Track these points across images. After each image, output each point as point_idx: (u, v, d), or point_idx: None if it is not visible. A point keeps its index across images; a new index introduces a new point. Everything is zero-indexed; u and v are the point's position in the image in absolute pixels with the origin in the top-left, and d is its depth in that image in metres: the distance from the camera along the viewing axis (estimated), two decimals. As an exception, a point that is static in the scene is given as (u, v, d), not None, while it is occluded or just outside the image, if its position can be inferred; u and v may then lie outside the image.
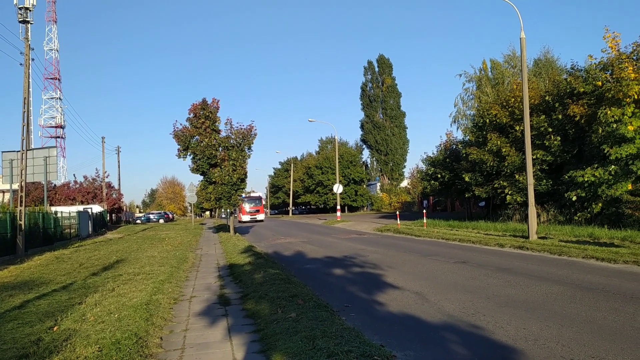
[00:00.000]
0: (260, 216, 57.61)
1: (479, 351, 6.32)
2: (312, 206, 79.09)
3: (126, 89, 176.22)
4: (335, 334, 6.33)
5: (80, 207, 40.41)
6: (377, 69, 75.05)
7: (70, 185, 55.95)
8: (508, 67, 41.58)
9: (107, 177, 57.05)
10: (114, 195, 59.25)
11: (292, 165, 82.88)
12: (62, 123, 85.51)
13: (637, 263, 11.52)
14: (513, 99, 25.59)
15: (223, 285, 11.87)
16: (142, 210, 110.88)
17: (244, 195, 40.42)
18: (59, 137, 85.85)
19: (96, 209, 44.45)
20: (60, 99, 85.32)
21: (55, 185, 52.81)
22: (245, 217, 56.27)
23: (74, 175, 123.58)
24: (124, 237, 33.55)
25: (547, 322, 7.28)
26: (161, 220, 70.83)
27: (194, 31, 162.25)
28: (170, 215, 79.76)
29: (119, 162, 71.28)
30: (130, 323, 7.42)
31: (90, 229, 36.15)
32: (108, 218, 54.75)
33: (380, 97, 74.21)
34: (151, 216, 75.78)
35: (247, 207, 56.35)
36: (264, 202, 62.82)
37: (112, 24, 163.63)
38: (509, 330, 7.01)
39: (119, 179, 66.65)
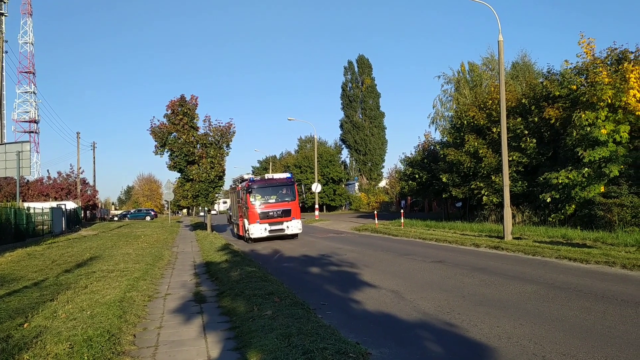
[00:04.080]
0: (293, 225, 23.72)
1: (454, 349, 6.38)
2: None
3: (103, 85, 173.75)
4: (311, 332, 6.32)
5: (54, 204, 39.61)
6: (357, 69, 75.28)
7: (44, 181, 54.83)
8: (486, 70, 42.09)
9: (82, 174, 56.14)
10: (88, 192, 58.28)
11: (270, 164, 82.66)
12: (36, 118, 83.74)
13: (608, 263, 11.76)
14: (490, 102, 25.89)
15: (199, 282, 11.77)
16: (117, 208, 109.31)
17: (251, 177, 24.19)
18: (32, 132, 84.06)
19: (70, 205, 43.64)
20: (34, 93, 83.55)
21: (28, 180, 51.69)
22: (258, 229, 23.20)
23: (48, 171, 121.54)
24: (99, 234, 33.03)
25: (520, 320, 7.38)
26: (147, 218, 69.84)
27: (173, 29, 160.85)
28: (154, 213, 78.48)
29: (94, 158, 70.25)
30: (103, 320, 7.30)
31: (63, 226, 35.48)
32: (82, 215, 53.82)
33: (359, 97, 74.44)
34: (132, 212, 74.75)
35: (260, 205, 23.59)
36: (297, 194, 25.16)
37: (90, 20, 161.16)
38: (483, 329, 7.08)
39: (94, 176, 65.60)
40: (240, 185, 26.00)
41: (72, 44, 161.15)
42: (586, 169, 19.16)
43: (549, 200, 20.84)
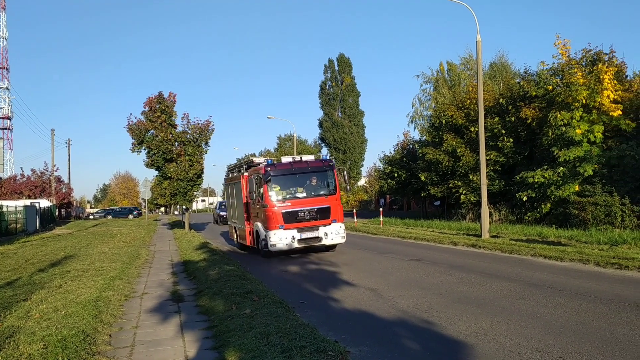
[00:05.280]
0: (334, 231, 15.82)
1: (431, 346, 6.42)
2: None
3: (79, 82, 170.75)
4: (290, 330, 6.30)
5: (28, 202, 38.83)
6: (337, 68, 75.35)
7: (17, 178, 53.70)
8: (464, 70, 42.52)
9: (56, 171, 55.07)
10: (63, 190, 57.21)
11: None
12: (10, 114, 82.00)
13: (582, 261, 11.97)
14: (469, 101, 26.14)
15: (177, 281, 11.66)
16: (93, 206, 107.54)
17: (268, 160, 16.51)
18: (6, 128, 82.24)
19: (44, 203, 42.83)
20: (8, 89, 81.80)
21: (1, 178, 50.60)
22: (282, 238, 15.42)
23: (22, 168, 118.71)
24: (74, 232, 32.50)
25: (496, 317, 7.47)
26: (130, 216, 68.85)
27: (151, 29, 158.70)
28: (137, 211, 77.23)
29: (69, 155, 68.68)
30: (78, 320, 7.18)
31: (37, 224, 34.81)
32: (57, 213, 52.86)
33: (339, 96, 74.54)
34: (115, 209, 73.65)
35: (284, 203, 15.59)
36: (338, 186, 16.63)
37: (66, 18, 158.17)
38: (461, 326, 7.15)
39: (69, 173, 64.26)
40: (247, 173, 17.63)
41: (48, 41, 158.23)
42: (561, 168, 19.48)
43: (525, 199, 21.15)
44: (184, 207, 32.24)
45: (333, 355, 5.46)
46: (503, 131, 23.47)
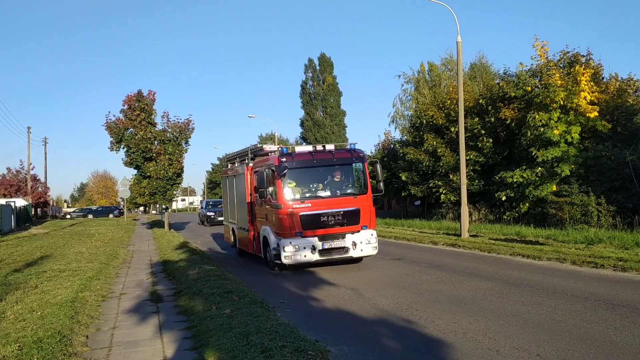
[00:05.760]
0: (363, 239, 12.61)
1: (411, 344, 6.46)
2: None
3: (56, 79, 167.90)
4: (270, 330, 6.28)
5: (2, 201, 38.11)
6: (318, 67, 75.37)
7: (-7, 177, 52.72)
8: (445, 70, 42.77)
9: (32, 170, 54.17)
10: (39, 189, 56.23)
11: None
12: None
13: (559, 260, 12.14)
14: (449, 101, 26.35)
15: (155, 281, 11.54)
16: (70, 205, 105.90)
17: (282, 148, 13.39)
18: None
19: (20, 202, 42.10)
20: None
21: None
22: (299, 248, 12.12)
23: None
24: (50, 232, 31.95)
25: (475, 316, 7.54)
26: (111, 215, 67.97)
27: (128, 24, 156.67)
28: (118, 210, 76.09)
29: (45, 154, 67.17)
30: (54, 321, 7.06)
31: (13, 224, 34.17)
32: (33, 213, 51.96)
33: (320, 95, 74.59)
34: (95, 208, 72.65)
35: (303, 203, 12.34)
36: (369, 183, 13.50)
37: (40, 13, 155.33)
38: (440, 325, 7.20)
39: (46, 172, 63.19)
40: (252, 164, 14.74)
41: (21, 36, 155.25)
42: (539, 168, 19.76)
43: (504, 198, 21.40)
44: (163, 206, 31.92)
45: (313, 355, 5.46)
46: (483, 131, 23.71)
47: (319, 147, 13.42)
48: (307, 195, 12.59)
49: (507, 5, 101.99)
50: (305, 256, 12.10)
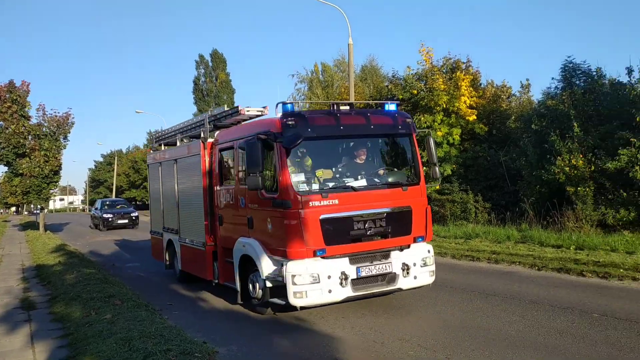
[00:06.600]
0: (416, 258, 7.59)
1: (302, 341, 6.49)
2: (138, 202, 74.88)
3: None
4: (155, 334, 6.00)
5: None
6: (210, 64, 73.94)
7: None
8: (337, 71, 43.75)
9: None
10: None
11: (116, 158, 77.71)
12: None
13: (440, 254, 12.72)
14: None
15: (27, 287, 10.59)
16: None
17: (287, 105, 7.33)
18: None
19: None
20: None
21: None
22: (322, 279, 6.82)
23: None
24: None
25: (362, 311, 7.77)
26: None
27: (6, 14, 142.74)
28: None
29: None
30: None
31: None
32: None
33: (214, 92, 73.21)
34: None
35: (320, 199, 7.00)
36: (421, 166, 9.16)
37: None
38: (329, 321, 7.32)
39: None
40: (216, 137, 9.26)
41: None
42: (424, 167, 20.81)
43: (391, 196, 22.28)
44: (38, 206, 29.45)
45: (200, 357, 5.29)
46: (372, 132, 24.48)
47: (344, 107, 8.08)
48: (331, 185, 7.40)
49: (398, 11, 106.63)
50: (330, 292, 6.91)
